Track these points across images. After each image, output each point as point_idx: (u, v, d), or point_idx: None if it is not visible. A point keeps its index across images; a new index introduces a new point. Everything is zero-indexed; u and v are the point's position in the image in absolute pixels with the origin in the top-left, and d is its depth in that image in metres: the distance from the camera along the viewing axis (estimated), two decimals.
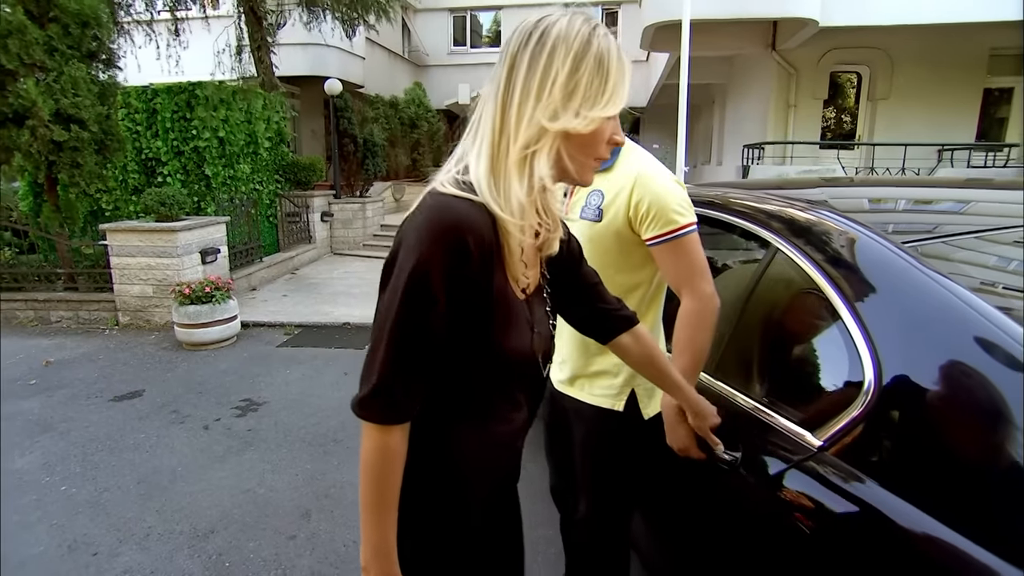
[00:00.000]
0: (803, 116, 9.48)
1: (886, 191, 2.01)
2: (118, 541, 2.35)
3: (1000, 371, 0.84)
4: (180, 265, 5.30)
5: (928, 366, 0.94)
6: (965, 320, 0.92)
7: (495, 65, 0.83)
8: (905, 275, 1.04)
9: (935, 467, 0.88)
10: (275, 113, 8.04)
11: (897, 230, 1.40)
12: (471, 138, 0.83)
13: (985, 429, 0.86)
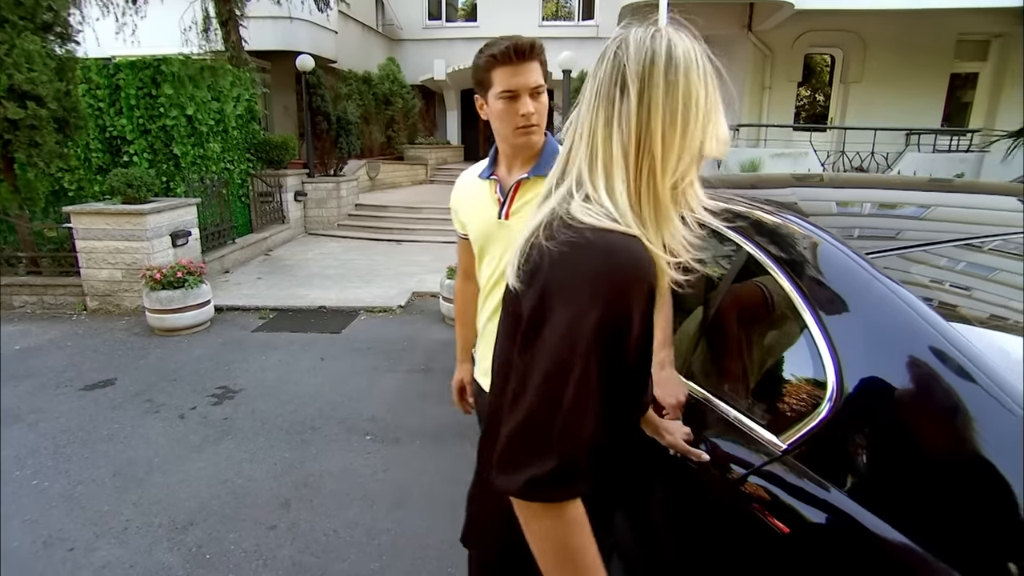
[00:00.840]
0: (778, 98, 9.58)
1: (852, 193, 2.07)
2: (95, 535, 2.35)
3: (954, 381, 0.89)
4: (150, 249, 5.17)
5: (886, 375, 0.99)
6: (920, 331, 0.97)
7: (602, 81, 0.75)
8: (867, 286, 1.09)
9: (892, 473, 0.94)
10: (245, 90, 7.80)
11: (863, 235, 1.46)
12: (588, 164, 0.74)
13: (940, 438, 0.91)
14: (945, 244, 1.34)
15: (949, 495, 0.85)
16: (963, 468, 0.86)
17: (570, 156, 0.78)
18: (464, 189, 1.50)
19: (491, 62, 1.24)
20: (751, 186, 2.24)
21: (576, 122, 0.79)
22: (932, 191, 2.08)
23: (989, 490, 0.81)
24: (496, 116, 1.29)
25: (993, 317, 1.18)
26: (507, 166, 1.41)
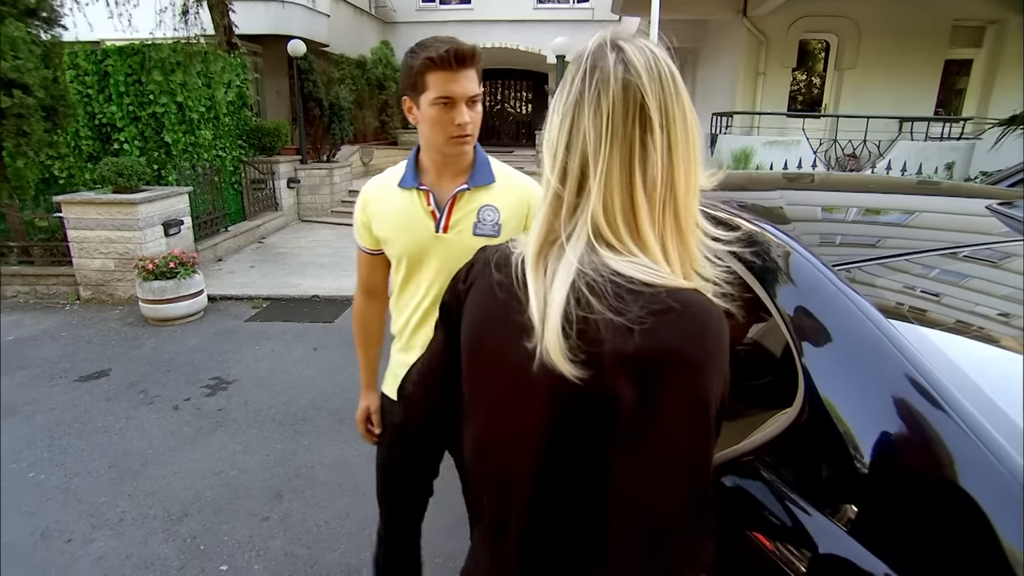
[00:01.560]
0: (772, 84, 9.54)
1: (839, 197, 2.09)
2: (91, 527, 2.40)
3: (917, 401, 0.94)
4: (142, 238, 5.17)
5: (849, 388, 1.03)
6: (885, 349, 1.01)
7: (611, 116, 0.63)
8: (833, 299, 1.13)
9: (850, 483, 0.98)
10: (236, 76, 7.73)
11: (844, 243, 1.50)
12: (603, 211, 0.64)
13: (901, 455, 0.95)
14: (917, 254, 1.37)
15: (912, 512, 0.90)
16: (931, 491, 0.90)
17: (576, 201, 0.66)
18: (381, 201, 1.36)
19: (428, 65, 1.16)
20: (741, 188, 2.27)
21: (564, 157, 0.66)
22: (917, 194, 2.11)
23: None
24: (428, 122, 1.22)
25: (959, 324, 1.22)
26: (435, 176, 1.33)
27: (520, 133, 19.49)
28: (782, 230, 1.40)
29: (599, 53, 0.66)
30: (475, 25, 15.59)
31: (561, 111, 0.68)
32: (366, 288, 1.53)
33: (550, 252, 0.68)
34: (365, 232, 1.41)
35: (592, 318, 0.61)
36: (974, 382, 0.94)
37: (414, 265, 1.36)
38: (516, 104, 19.91)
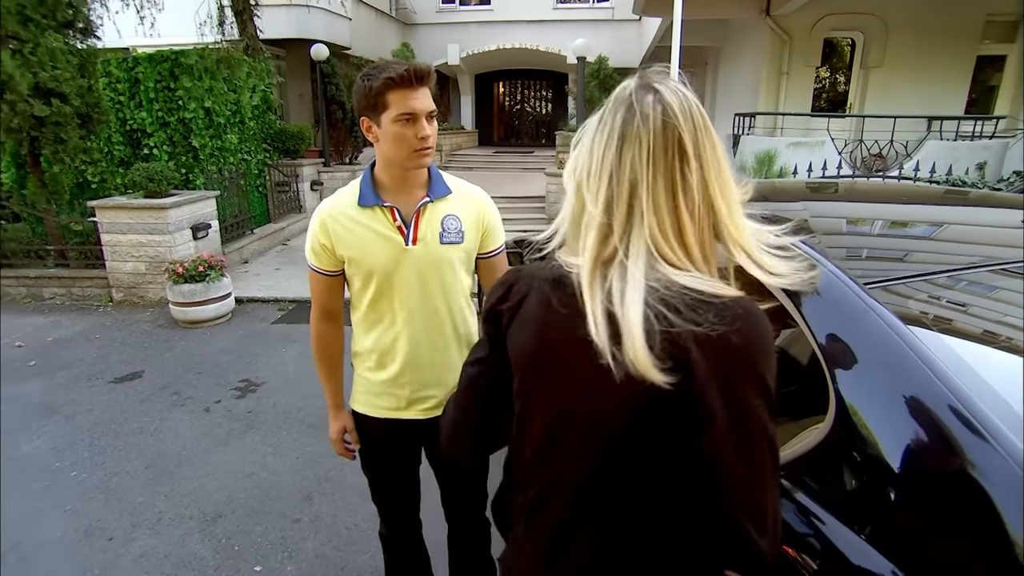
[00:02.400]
0: (795, 84, 9.42)
1: (865, 209, 2.08)
2: (131, 526, 2.49)
3: (946, 423, 0.95)
4: (172, 242, 5.31)
5: (879, 407, 1.04)
6: (914, 369, 1.02)
7: (653, 150, 0.72)
8: (864, 317, 1.13)
9: (880, 502, 0.99)
10: (261, 80, 7.87)
11: (870, 256, 1.50)
12: (660, 232, 0.73)
13: (929, 472, 0.96)
14: (940, 274, 1.37)
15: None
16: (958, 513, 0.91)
17: (628, 225, 0.74)
18: (342, 222, 1.37)
19: (389, 84, 1.23)
20: (764, 198, 2.27)
21: (609, 187, 0.74)
22: (945, 204, 2.09)
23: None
24: (391, 139, 1.28)
25: (987, 339, 1.22)
26: (395, 192, 1.38)
27: (540, 133, 19.49)
28: (810, 244, 1.40)
29: (637, 96, 0.75)
30: (494, 26, 15.63)
31: (602, 147, 0.76)
32: (325, 311, 1.52)
33: (607, 271, 0.74)
34: (325, 254, 1.40)
35: (674, 330, 0.68)
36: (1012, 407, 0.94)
37: (385, 281, 1.39)
38: (536, 104, 19.90)
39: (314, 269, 1.44)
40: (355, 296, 1.47)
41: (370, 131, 1.32)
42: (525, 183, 11.17)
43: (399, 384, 1.48)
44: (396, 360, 1.47)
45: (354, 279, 1.43)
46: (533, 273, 0.84)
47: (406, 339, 1.45)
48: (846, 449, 1.06)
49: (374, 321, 1.46)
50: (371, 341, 1.48)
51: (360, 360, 1.53)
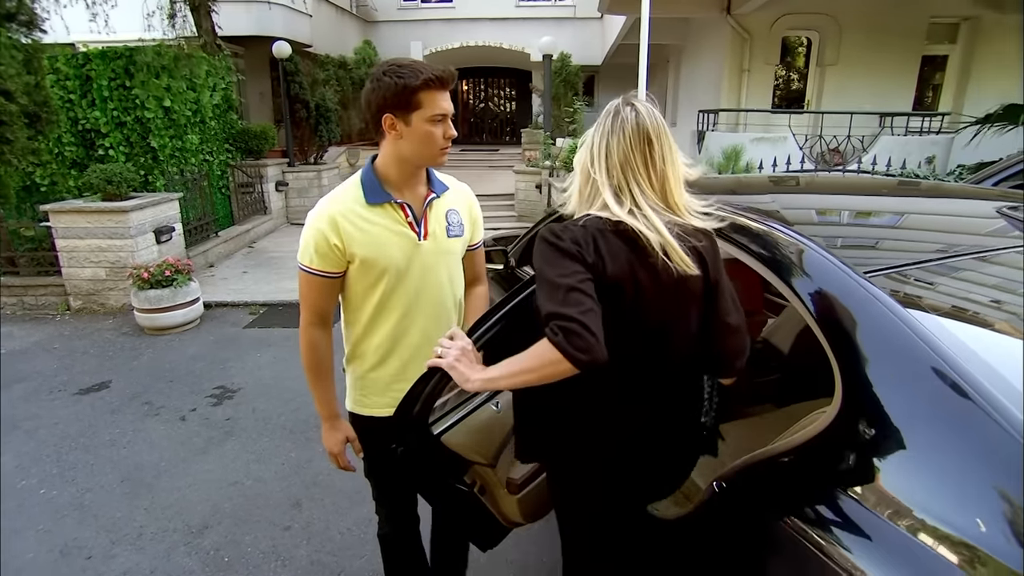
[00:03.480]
0: (756, 81, 9.67)
1: (829, 200, 2.16)
2: (111, 543, 2.38)
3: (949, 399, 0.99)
4: (134, 246, 5.09)
5: (886, 388, 1.08)
6: (919, 349, 1.06)
7: (632, 139, 1.15)
8: (868, 304, 1.18)
9: (891, 477, 1.03)
10: (221, 79, 7.62)
11: (853, 245, 1.55)
12: (651, 189, 1.17)
13: (938, 452, 1.01)
14: (936, 261, 1.43)
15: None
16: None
17: (628, 187, 1.15)
18: (353, 221, 1.35)
19: (428, 84, 1.26)
20: (732, 191, 2.32)
21: (607, 163, 1.16)
22: (901, 196, 2.19)
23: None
24: (420, 138, 1.31)
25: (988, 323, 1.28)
26: (401, 189, 1.39)
27: (504, 131, 19.48)
28: (796, 231, 1.45)
29: (622, 108, 1.17)
30: (457, 23, 15.54)
31: (600, 139, 1.18)
32: (320, 317, 1.45)
33: (635, 218, 1.12)
34: (333, 255, 1.35)
35: (688, 245, 1.14)
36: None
37: (397, 278, 1.40)
38: (500, 102, 19.88)
39: (315, 272, 1.37)
40: (357, 297, 1.43)
41: (393, 128, 1.31)
42: (493, 181, 11.16)
43: (407, 378, 1.45)
44: (405, 354, 1.47)
45: (360, 279, 1.40)
46: (587, 225, 1.13)
47: (416, 332, 1.46)
48: (855, 428, 1.10)
49: (382, 319, 1.44)
50: (378, 339, 1.46)
51: (360, 361, 1.50)
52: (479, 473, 1.57)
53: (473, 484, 1.57)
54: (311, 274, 1.38)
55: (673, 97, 14.19)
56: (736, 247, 1.52)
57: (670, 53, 14.09)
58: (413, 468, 1.51)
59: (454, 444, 1.48)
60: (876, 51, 9.21)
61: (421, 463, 1.50)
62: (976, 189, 2.71)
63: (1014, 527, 0.87)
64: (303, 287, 1.41)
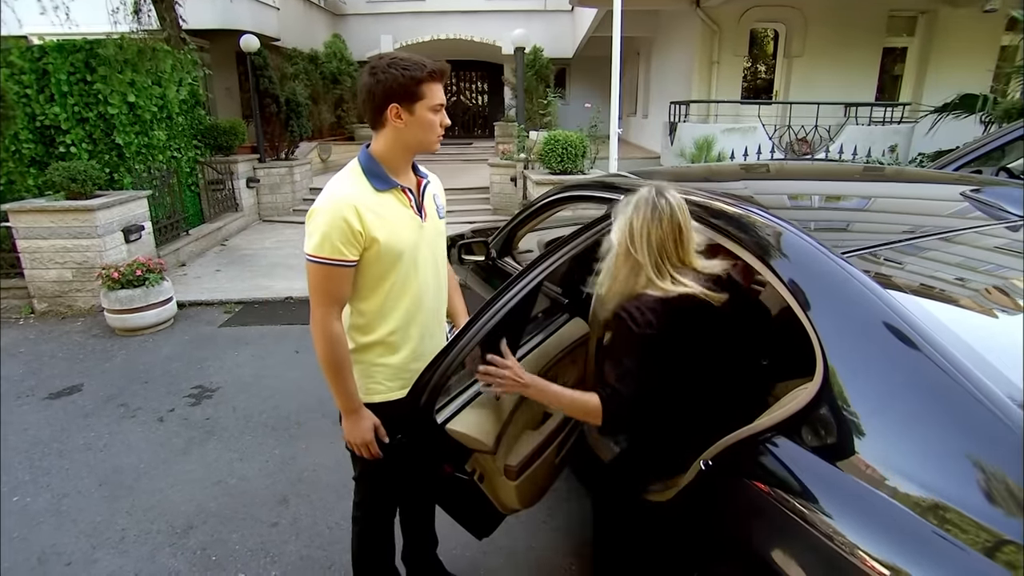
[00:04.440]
0: (726, 72, 9.84)
1: (800, 186, 2.23)
2: (91, 547, 2.33)
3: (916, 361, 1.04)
4: (102, 246, 4.95)
5: (864, 364, 1.13)
6: (896, 324, 1.11)
7: (664, 224, 1.38)
8: (846, 285, 1.23)
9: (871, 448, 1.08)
10: (188, 74, 7.42)
11: (829, 228, 1.61)
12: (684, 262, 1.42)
13: (912, 422, 1.06)
14: (910, 240, 1.50)
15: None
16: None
17: (662, 261, 1.39)
18: (371, 207, 1.38)
19: (431, 76, 1.37)
20: (705, 179, 2.38)
21: (649, 245, 1.38)
22: (872, 182, 2.27)
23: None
24: (423, 125, 1.40)
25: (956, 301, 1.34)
26: (395, 173, 1.46)
27: (477, 124, 19.41)
28: (772, 214, 1.50)
29: (657, 199, 1.39)
30: (427, 17, 15.41)
31: (641, 226, 1.38)
32: (340, 309, 1.44)
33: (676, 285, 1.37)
34: (357, 242, 1.37)
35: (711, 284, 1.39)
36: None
37: (411, 258, 1.47)
38: (472, 96, 19.80)
39: (337, 262, 1.36)
40: (369, 285, 1.45)
41: (399, 117, 1.38)
42: (467, 175, 11.13)
43: (416, 356, 1.55)
44: (415, 335, 1.54)
45: (374, 265, 1.42)
46: (652, 306, 1.37)
47: (425, 312, 1.53)
48: (836, 402, 1.15)
49: (397, 303, 1.48)
50: (392, 324, 1.50)
51: (369, 349, 1.52)
52: (478, 461, 1.59)
53: (473, 472, 1.59)
54: (333, 265, 1.37)
55: (644, 89, 14.33)
56: (716, 231, 1.56)
57: (640, 45, 14.21)
58: (416, 457, 1.53)
59: (457, 432, 1.49)
60: (840, 43, 9.46)
61: (425, 452, 1.52)
62: (937, 174, 2.82)
63: (983, 486, 0.92)
64: (321, 281, 1.39)
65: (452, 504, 1.74)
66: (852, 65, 9.62)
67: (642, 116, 14.49)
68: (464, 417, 1.51)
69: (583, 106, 11.52)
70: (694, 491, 1.42)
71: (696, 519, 1.45)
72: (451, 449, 1.53)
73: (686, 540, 1.51)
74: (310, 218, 1.38)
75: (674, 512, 1.51)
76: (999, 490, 0.90)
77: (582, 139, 6.77)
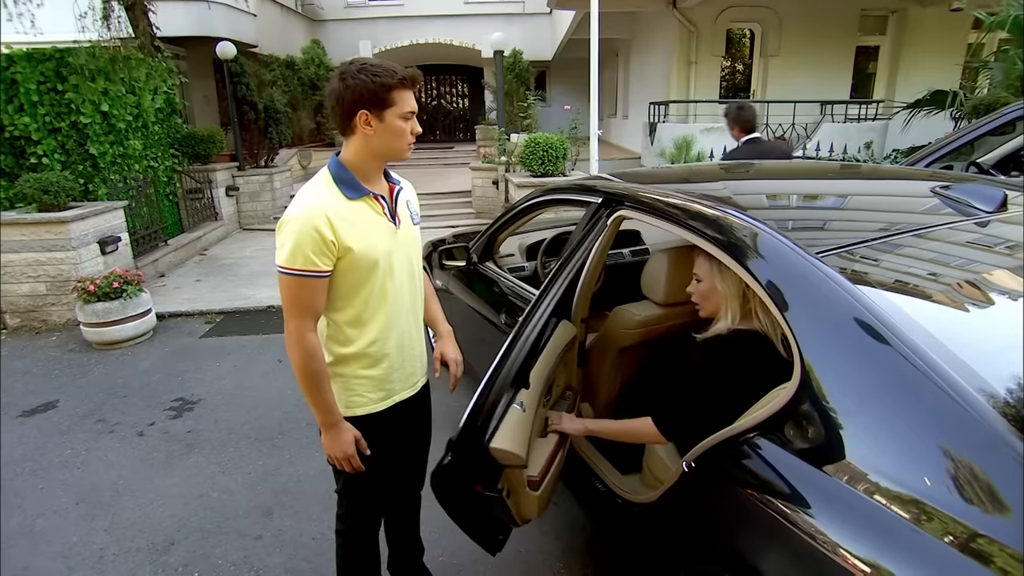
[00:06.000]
0: (703, 72, 9.95)
1: (778, 185, 2.25)
2: (67, 568, 2.27)
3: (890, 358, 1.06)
4: (77, 258, 4.85)
5: (839, 363, 1.15)
6: (870, 324, 1.13)
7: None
8: (821, 285, 1.24)
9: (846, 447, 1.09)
10: (163, 82, 7.32)
11: (805, 227, 1.63)
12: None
13: (888, 420, 1.07)
14: (885, 238, 1.52)
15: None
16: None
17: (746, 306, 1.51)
18: (343, 216, 1.36)
19: (401, 83, 1.35)
20: (685, 180, 2.40)
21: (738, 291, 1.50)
22: (850, 179, 2.31)
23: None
24: (392, 133, 1.39)
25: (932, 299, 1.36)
26: (366, 180, 1.44)
27: (457, 128, 19.40)
28: (749, 215, 1.51)
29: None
30: (405, 21, 15.37)
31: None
32: (315, 321, 1.42)
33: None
34: (330, 252, 1.35)
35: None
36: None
37: (386, 266, 1.45)
38: (452, 100, 19.78)
39: (310, 273, 1.34)
40: (347, 293, 1.43)
41: (368, 124, 1.36)
42: (449, 179, 11.12)
43: (396, 366, 1.55)
44: (393, 345, 1.52)
45: (349, 274, 1.40)
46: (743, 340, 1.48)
47: (403, 320, 1.52)
48: (813, 401, 1.16)
49: (376, 312, 1.47)
50: (372, 333, 1.48)
51: (349, 361, 1.49)
52: (507, 476, 1.57)
53: (502, 489, 1.58)
54: (306, 276, 1.34)
55: (624, 90, 14.43)
56: (693, 233, 1.57)
57: (619, 47, 14.32)
58: (457, 480, 1.52)
59: (498, 451, 1.47)
60: (814, 42, 9.62)
61: (469, 474, 1.51)
62: (911, 171, 2.87)
63: (956, 481, 0.94)
64: (295, 292, 1.36)
65: (473, 523, 1.70)
66: (827, 64, 9.79)
67: (622, 117, 14.59)
68: (501, 434, 1.49)
69: (563, 108, 11.56)
70: (677, 493, 1.42)
71: (680, 519, 1.45)
72: (489, 469, 1.52)
73: (671, 540, 1.51)
74: (280, 229, 1.36)
75: (659, 512, 1.52)
76: (968, 482, 0.92)
77: (563, 141, 6.80)
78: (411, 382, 1.64)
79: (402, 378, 1.59)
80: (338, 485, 1.68)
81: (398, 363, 1.55)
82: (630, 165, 10.17)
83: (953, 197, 1.74)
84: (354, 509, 1.71)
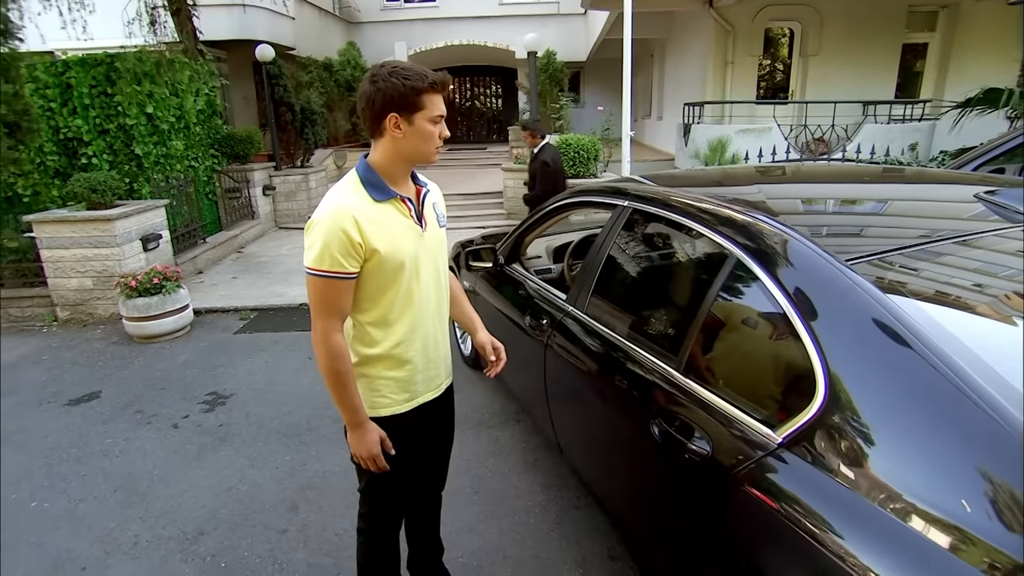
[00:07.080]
0: (740, 73, 9.74)
1: (815, 189, 2.18)
2: (105, 553, 2.36)
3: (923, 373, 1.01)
4: (121, 255, 5.05)
5: (868, 376, 1.10)
6: (900, 335, 1.08)
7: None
8: (850, 293, 1.19)
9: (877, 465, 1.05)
10: (204, 84, 7.56)
11: (836, 234, 1.57)
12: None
13: (920, 435, 1.02)
14: (917, 246, 1.45)
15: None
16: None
17: None
18: (371, 218, 1.37)
19: (431, 87, 1.36)
20: (718, 183, 2.34)
21: None
22: (886, 183, 2.22)
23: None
24: (422, 136, 1.39)
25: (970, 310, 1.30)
26: (394, 183, 1.45)
27: (491, 129, 19.45)
28: (780, 221, 1.46)
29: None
30: (441, 23, 15.50)
31: None
32: (342, 322, 1.43)
33: None
34: (357, 253, 1.35)
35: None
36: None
37: (412, 268, 1.45)
38: (486, 100, 19.85)
39: (337, 275, 1.35)
40: (373, 294, 1.44)
41: (397, 127, 1.37)
42: (481, 179, 11.16)
43: (420, 368, 1.56)
44: (418, 347, 1.53)
45: (375, 277, 1.41)
46: None
47: (429, 322, 1.53)
48: (841, 416, 1.12)
49: (402, 314, 1.47)
50: (396, 336, 1.49)
51: (374, 362, 1.50)
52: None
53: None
54: (333, 277, 1.35)
55: (659, 91, 14.24)
56: (723, 238, 1.54)
57: (654, 47, 14.13)
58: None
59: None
60: (857, 40, 9.31)
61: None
62: (956, 174, 2.74)
63: (996, 506, 0.89)
64: (321, 293, 1.37)
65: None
66: (870, 63, 9.46)
67: (657, 118, 14.40)
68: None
69: (596, 109, 11.47)
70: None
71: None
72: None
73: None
74: (308, 230, 1.38)
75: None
76: (1004, 502, 0.87)
77: (594, 143, 6.75)
78: (435, 384, 1.64)
79: (426, 380, 1.60)
80: (361, 484, 1.70)
81: (423, 365, 1.56)
82: (664, 167, 10.03)
83: (999, 203, 1.65)
84: (376, 508, 1.73)
